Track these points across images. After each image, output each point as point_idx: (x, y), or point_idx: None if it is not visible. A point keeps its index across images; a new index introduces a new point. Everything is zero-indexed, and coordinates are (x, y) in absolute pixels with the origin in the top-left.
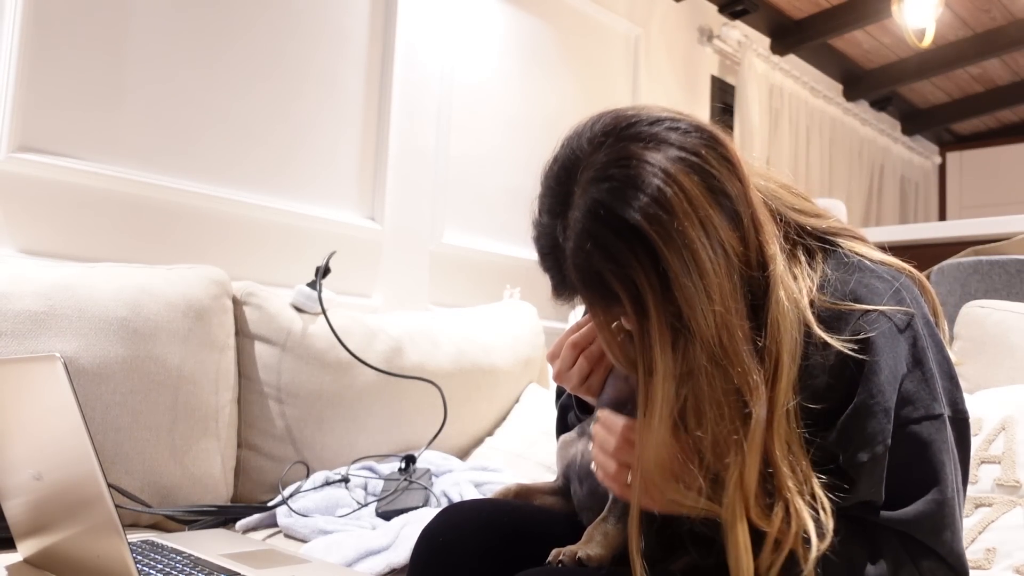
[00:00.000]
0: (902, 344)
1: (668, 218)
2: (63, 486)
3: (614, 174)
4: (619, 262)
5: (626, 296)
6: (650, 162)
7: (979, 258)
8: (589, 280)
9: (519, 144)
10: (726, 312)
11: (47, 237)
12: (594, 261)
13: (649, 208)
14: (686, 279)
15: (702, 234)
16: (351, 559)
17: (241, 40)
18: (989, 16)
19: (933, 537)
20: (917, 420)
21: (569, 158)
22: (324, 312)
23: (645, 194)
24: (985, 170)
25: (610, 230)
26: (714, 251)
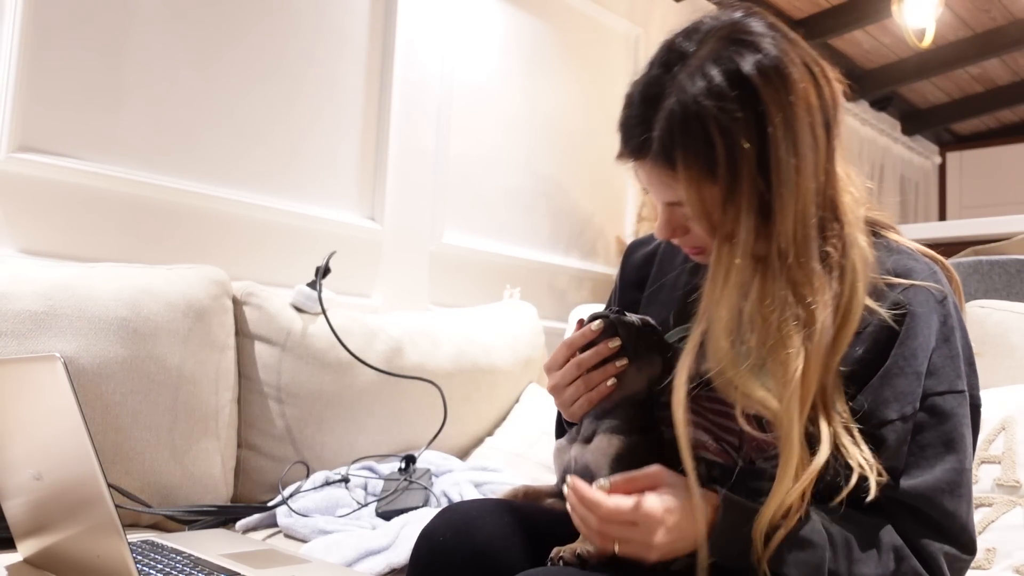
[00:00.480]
0: (935, 319)
1: (783, 89)
2: (63, 486)
3: (741, 39)
4: (727, 111)
5: (723, 148)
6: (777, 44)
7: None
8: (688, 126)
9: (519, 144)
10: (807, 211)
11: (47, 237)
12: (703, 105)
13: (769, 72)
14: (784, 154)
15: (806, 122)
16: (351, 559)
17: (241, 40)
18: (989, 16)
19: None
20: (941, 393)
21: (694, 26)
22: (324, 312)
23: (768, 59)
24: (985, 170)
25: (727, 79)
26: (812, 143)
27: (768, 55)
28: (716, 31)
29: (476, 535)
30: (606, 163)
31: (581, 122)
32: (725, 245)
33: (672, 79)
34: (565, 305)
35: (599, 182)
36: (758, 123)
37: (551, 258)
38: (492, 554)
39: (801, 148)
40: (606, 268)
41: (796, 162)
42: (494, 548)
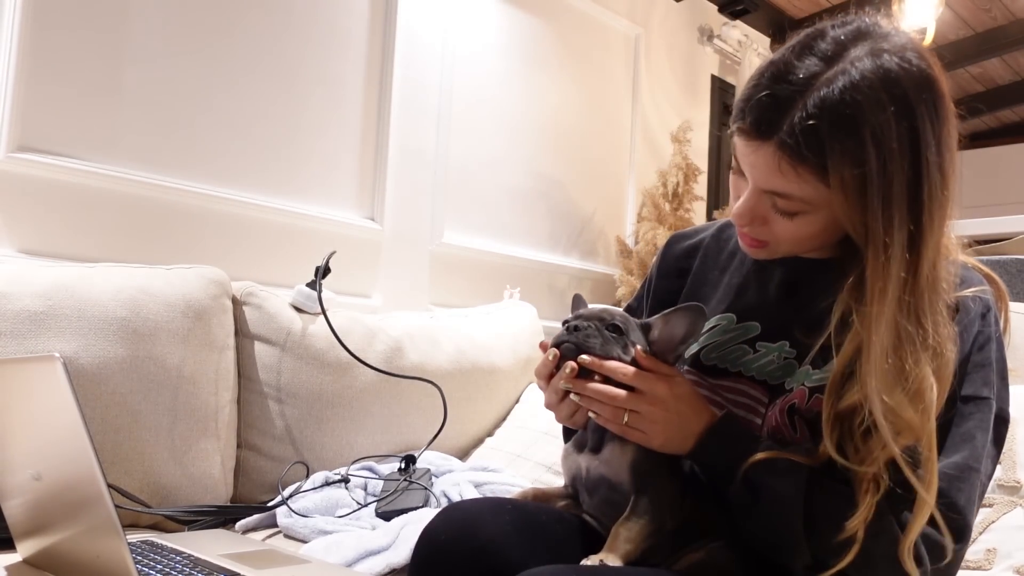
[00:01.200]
0: (975, 327)
1: (939, 119)
2: (63, 486)
3: (911, 59)
4: (883, 121)
5: (875, 154)
6: (933, 69)
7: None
8: (842, 124)
9: (519, 144)
10: (944, 240)
11: (47, 237)
12: (860, 106)
13: (932, 100)
14: (936, 180)
15: (951, 164)
16: (351, 559)
17: (241, 40)
18: (990, 16)
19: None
20: (964, 399)
21: (860, 27)
22: (324, 312)
23: (933, 90)
24: (985, 170)
25: (886, 88)
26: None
27: (932, 82)
28: (871, 35)
29: (478, 534)
30: (606, 163)
31: (581, 122)
32: (881, 256)
33: (823, 68)
34: (565, 305)
35: (599, 182)
36: (912, 142)
37: (551, 258)
38: (494, 553)
39: (949, 182)
40: (606, 268)
41: (944, 192)
42: (496, 547)
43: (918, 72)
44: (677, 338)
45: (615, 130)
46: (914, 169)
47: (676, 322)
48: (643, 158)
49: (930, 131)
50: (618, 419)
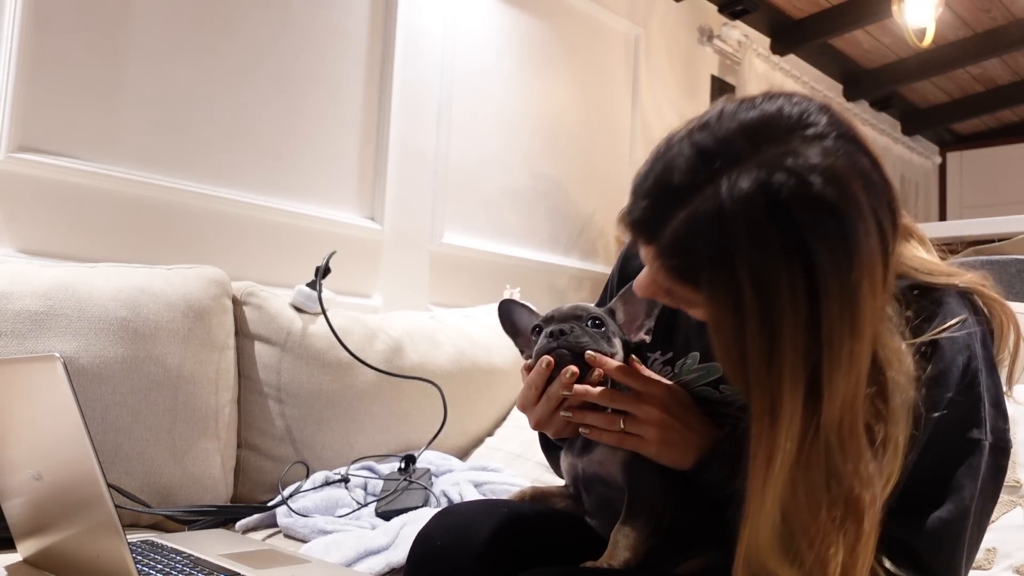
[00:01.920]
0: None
1: (846, 261)
2: (63, 486)
3: (815, 183)
4: (760, 257)
5: (752, 294)
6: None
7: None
8: (714, 254)
9: (519, 144)
10: (857, 395)
11: (47, 237)
12: (738, 236)
13: (837, 232)
14: (839, 335)
15: (869, 302)
16: (351, 559)
17: (241, 41)
18: (989, 16)
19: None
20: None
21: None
22: (324, 312)
23: (841, 218)
24: (985, 170)
25: (781, 228)
26: (872, 307)
27: (833, 203)
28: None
29: (473, 537)
30: (606, 163)
31: (581, 122)
32: (766, 419)
33: (705, 177)
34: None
35: (599, 182)
36: (808, 286)
37: (551, 258)
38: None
39: (860, 324)
40: (606, 268)
41: (852, 344)
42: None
43: (818, 200)
44: (641, 315)
45: (615, 130)
46: (811, 324)
47: (634, 298)
48: (643, 158)
49: (830, 269)
50: (614, 426)
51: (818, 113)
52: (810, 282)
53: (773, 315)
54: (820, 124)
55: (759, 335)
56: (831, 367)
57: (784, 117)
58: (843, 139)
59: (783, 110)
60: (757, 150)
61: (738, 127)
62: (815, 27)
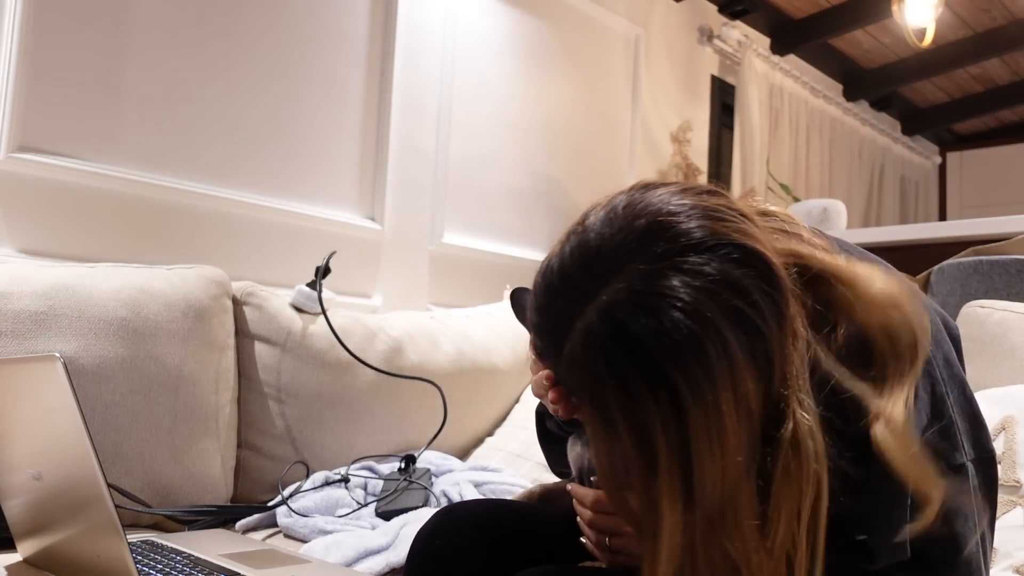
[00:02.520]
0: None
1: (705, 379)
2: (63, 486)
3: (657, 308)
4: (636, 403)
5: (632, 440)
6: (701, 312)
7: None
8: (590, 398)
9: (519, 144)
10: (737, 482)
11: (47, 237)
12: (604, 387)
13: (689, 364)
14: (708, 456)
15: (732, 400)
16: (351, 559)
17: (241, 40)
18: (989, 16)
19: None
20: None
21: (604, 245)
22: (324, 312)
23: (689, 349)
24: (985, 170)
25: (637, 367)
26: (739, 417)
27: (683, 333)
28: (630, 269)
29: (472, 536)
30: (606, 163)
31: (581, 122)
32: (650, 540)
33: (576, 313)
34: None
35: (599, 182)
36: (676, 415)
37: None
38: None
39: (727, 443)
40: None
41: (722, 461)
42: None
43: (665, 331)
44: None
45: (615, 130)
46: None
47: None
48: (643, 158)
49: (690, 392)
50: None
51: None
52: (675, 406)
53: (648, 441)
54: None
55: (636, 460)
56: (702, 480)
57: (620, 243)
58: (698, 251)
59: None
60: (604, 283)
61: (581, 261)
62: (815, 27)
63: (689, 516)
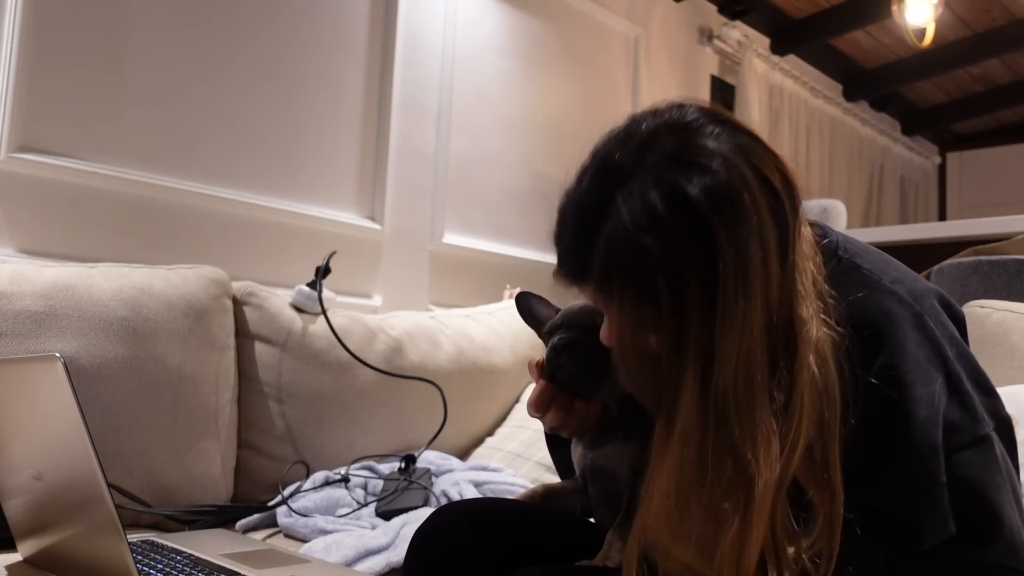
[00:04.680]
0: (934, 371)
1: (736, 222)
2: (63, 486)
3: (688, 159)
4: (673, 249)
5: (668, 294)
6: (727, 161)
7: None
8: (628, 266)
9: (519, 144)
10: (751, 359)
11: (47, 237)
12: (645, 241)
13: (721, 201)
14: (732, 296)
15: (758, 258)
16: (351, 559)
17: (241, 40)
18: (989, 16)
19: (1010, 559)
20: (966, 446)
21: (631, 130)
22: (324, 312)
23: (719, 186)
24: (985, 170)
25: (671, 209)
26: (764, 279)
27: (719, 179)
28: (657, 144)
29: (471, 535)
30: None
31: (581, 122)
32: (669, 406)
33: (609, 201)
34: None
35: None
36: (708, 261)
37: (551, 258)
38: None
39: (751, 287)
40: None
41: (744, 306)
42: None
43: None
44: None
45: None
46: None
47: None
48: None
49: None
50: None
51: (680, 109)
52: (710, 258)
53: (684, 304)
54: (689, 117)
55: (671, 331)
56: (723, 330)
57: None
58: (716, 123)
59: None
60: (641, 160)
61: (615, 145)
62: (815, 27)
63: (707, 394)
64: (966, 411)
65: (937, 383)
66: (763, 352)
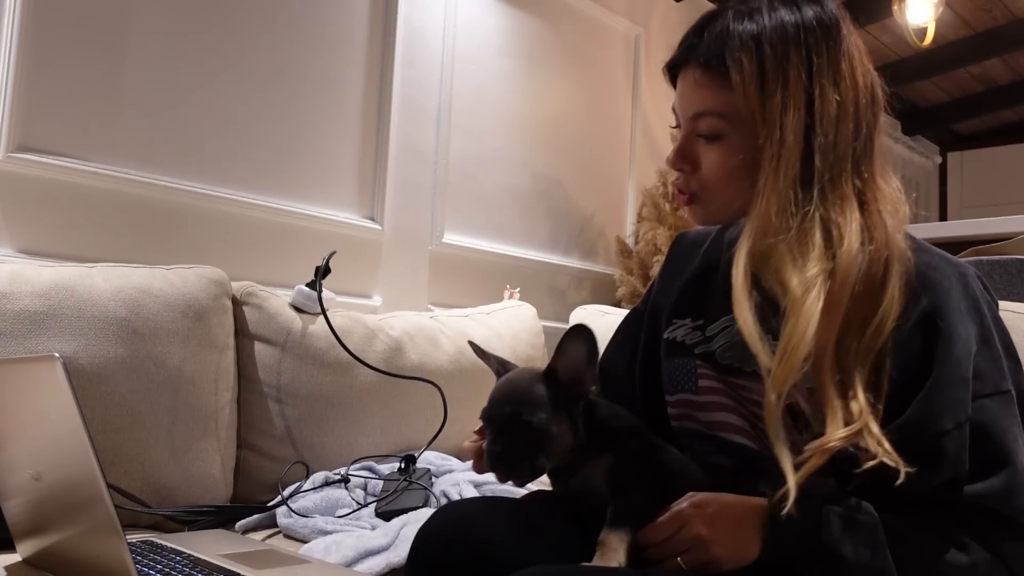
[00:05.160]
0: (971, 322)
1: (836, 48)
2: (63, 486)
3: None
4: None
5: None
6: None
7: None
8: (744, 39)
9: (519, 144)
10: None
11: (47, 237)
12: (761, 27)
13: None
14: (829, 93)
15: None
16: (351, 559)
17: (241, 40)
18: (990, 16)
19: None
20: (988, 395)
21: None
22: (324, 312)
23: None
24: (985, 170)
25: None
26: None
27: (829, 13)
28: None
29: (474, 533)
30: (606, 163)
31: (581, 122)
32: (773, 138)
33: (733, 7)
34: (565, 305)
35: (599, 182)
36: (808, 66)
37: (551, 258)
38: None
39: (844, 93)
40: (606, 268)
41: (840, 99)
42: (492, 546)
43: (824, 16)
44: (583, 362)
45: (615, 130)
46: (808, 93)
47: (569, 350)
48: (643, 158)
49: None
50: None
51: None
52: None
53: (786, 66)
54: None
55: (776, 84)
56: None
57: None
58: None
59: None
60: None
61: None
62: None
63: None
64: (993, 363)
65: (972, 331)
66: (852, 134)
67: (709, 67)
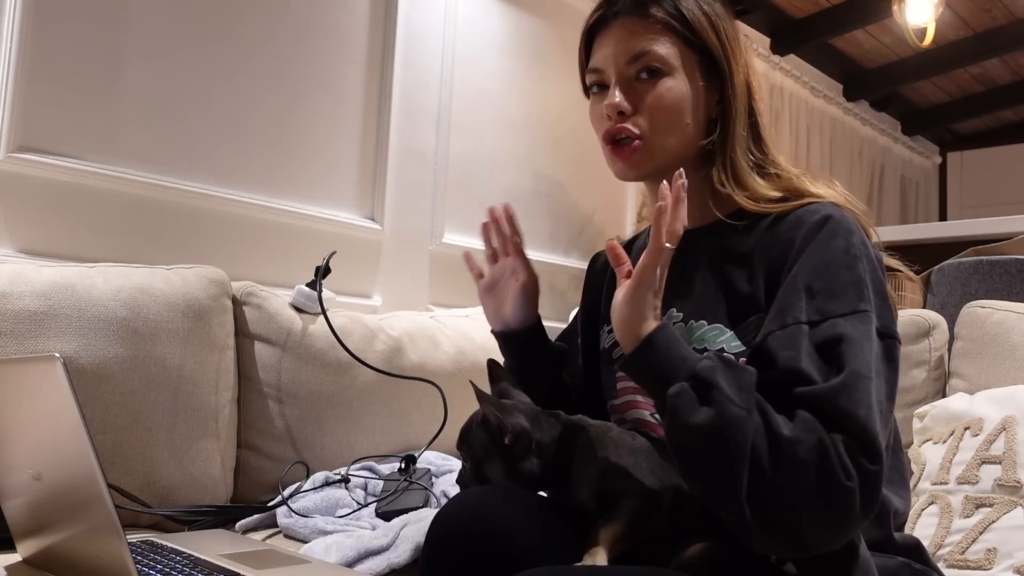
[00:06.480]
0: (837, 241)
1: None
2: (63, 486)
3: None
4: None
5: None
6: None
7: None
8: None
9: (519, 144)
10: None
11: (47, 237)
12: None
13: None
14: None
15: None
16: (351, 559)
17: (241, 40)
18: (990, 16)
19: (848, 410)
20: (843, 315)
21: None
22: (324, 312)
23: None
24: (985, 170)
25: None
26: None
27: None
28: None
29: (492, 518)
30: (606, 163)
31: (581, 122)
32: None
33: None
34: (565, 305)
35: (599, 182)
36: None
37: (551, 258)
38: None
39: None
40: None
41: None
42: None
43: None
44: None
45: None
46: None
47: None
48: None
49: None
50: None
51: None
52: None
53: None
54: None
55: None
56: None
57: None
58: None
59: None
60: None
61: None
62: (815, 27)
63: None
64: (853, 287)
65: (836, 247)
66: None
67: (644, 15)
